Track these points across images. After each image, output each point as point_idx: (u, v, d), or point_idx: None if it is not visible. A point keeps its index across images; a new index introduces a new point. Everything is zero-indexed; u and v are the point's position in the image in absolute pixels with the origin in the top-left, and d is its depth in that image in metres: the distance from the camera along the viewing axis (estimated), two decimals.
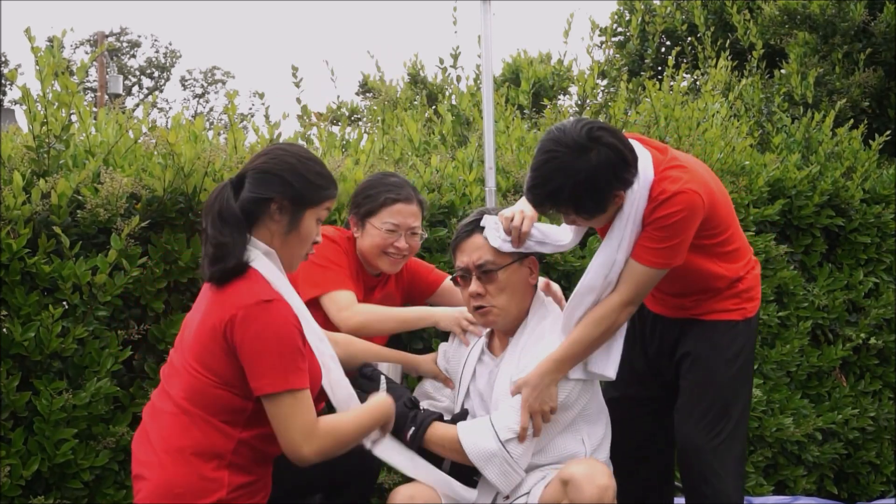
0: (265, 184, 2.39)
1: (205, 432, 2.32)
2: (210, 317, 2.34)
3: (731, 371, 2.88)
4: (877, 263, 4.92)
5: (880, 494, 4.78)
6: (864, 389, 4.80)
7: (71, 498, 3.12)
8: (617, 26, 7.64)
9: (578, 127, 2.61)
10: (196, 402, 2.33)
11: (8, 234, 3.06)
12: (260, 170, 2.41)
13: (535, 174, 2.65)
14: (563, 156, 2.59)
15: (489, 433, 2.61)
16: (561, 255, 3.99)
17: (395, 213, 3.03)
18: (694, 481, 2.87)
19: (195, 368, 2.34)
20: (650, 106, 5.06)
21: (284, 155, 2.44)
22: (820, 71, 6.34)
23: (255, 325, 2.27)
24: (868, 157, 5.16)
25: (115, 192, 3.19)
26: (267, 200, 2.39)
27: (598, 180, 2.60)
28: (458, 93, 5.78)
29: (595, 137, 2.59)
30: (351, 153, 4.22)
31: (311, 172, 2.44)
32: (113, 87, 24.57)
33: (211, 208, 2.40)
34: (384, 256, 3.05)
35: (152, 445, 2.36)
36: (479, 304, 2.77)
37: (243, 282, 2.34)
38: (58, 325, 3.06)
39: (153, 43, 39.65)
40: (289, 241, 2.43)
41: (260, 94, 5.17)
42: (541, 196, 2.66)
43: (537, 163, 2.64)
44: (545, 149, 2.63)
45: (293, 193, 2.40)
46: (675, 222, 2.67)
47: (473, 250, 2.77)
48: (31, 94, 3.34)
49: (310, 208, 2.43)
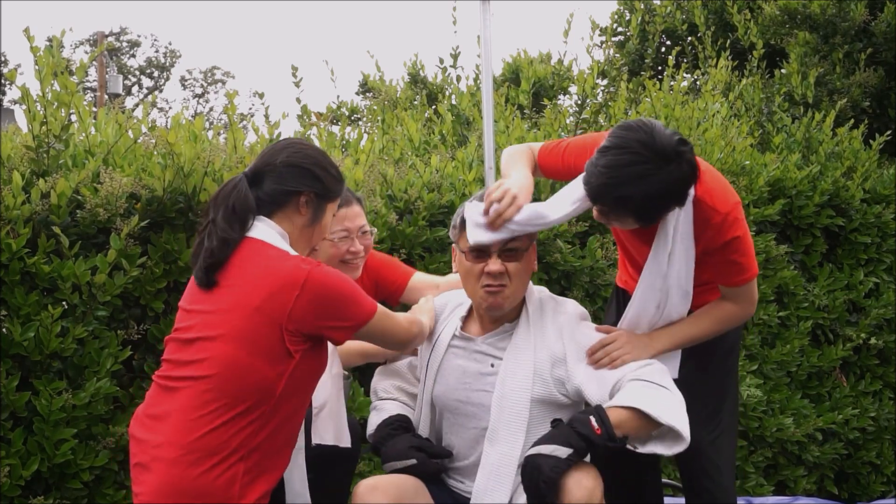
0: (295, 177, 2.45)
1: (227, 426, 2.26)
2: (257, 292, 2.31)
3: (726, 364, 2.92)
4: (877, 263, 4.92)
5: (881, 495, 4.78)
6: (865, 389, 4.80)
7: (71, 498, 3.12)
8: (617, 26, 7.64)
9: (669, 134, 2.47)
10: (225, 387, 2.27)
11: (8, 234, 3.06)
12: (289, 163, 2.45)
13: (610, 171, 2.45)
14: (649, 163, 2.43)
15: (650, 386, 2.52)
16: (561, 254, 3.99)
17: (340, 219, 2.92)
18: (694, 476, 2.89)
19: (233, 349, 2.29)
20: (650, 106, 5.06)
21: (309, 150, 2.51)
22: (820, 71, 6.34)
23: (331, 280, 2.36)
24: (868, 157, 5.16)
25: (115, 192, 3.18)
26: (296, 193, 2.44)
27: (670, 195, 2.49)
28: (458, 93, 5.77)
29: (681, 152, 2.46)
30: (351, 153, 4.22)
31: (333, 167, 2.52)
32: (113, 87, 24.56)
33: (224, 201, 2.40)
34: (343, 266, 2.95)
35: (164, 433, 2.29)
36: (498, 284, 2.62)
37: (275, 254, 2.37)
38: (57, 325, 3.06)
39: (153, 43, 39.76)
40: (308, 233, 2.50)
41: (260, 94, 5.18)
42: (608, 197, 2.50)
43: (618, 161, 2.45)
44: (632, 149, 2.44)
45: (320, 188, 2.47)
46: (741, 238, 2.68)
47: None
48: (31, 93, 3.33)
49: (330, 202, 2.52)
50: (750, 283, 2.75)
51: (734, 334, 2.94)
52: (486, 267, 2.63)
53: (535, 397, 2.60)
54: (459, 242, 2.69)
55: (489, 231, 2.61)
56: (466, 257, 2.66)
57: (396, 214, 3.77)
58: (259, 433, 2.30)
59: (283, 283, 2.32)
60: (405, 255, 3.73)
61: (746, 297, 2.77)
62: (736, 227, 2.65)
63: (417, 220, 3.78)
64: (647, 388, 2.51)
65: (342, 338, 2.47)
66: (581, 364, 2.62)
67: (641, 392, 2.49)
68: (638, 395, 2.48)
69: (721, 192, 2.66)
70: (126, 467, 3.19)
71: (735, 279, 2.73)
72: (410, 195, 3.84)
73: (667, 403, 2.48)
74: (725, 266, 2.71)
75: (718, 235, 2.64)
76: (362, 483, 2.58)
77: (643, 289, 2.72)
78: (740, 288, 2.74)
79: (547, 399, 2.61)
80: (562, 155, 2.83)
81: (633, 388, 2.51)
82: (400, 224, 3.74)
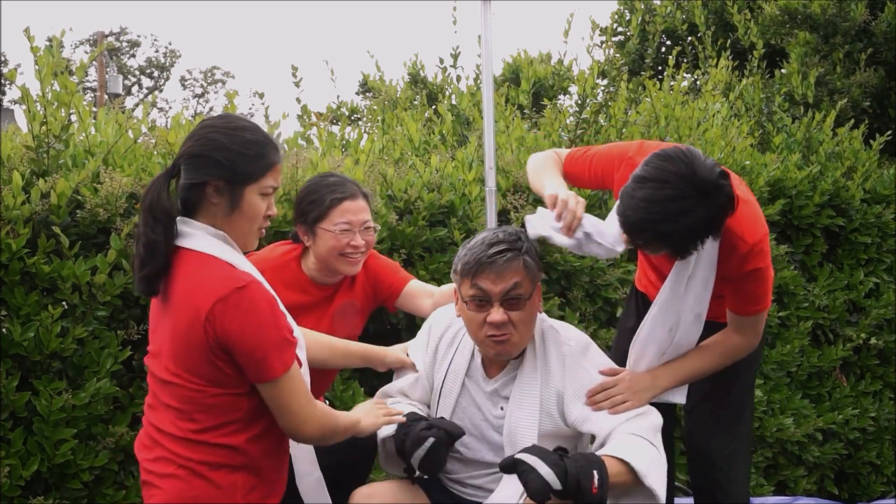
0: (196, 168, 2.26)
1: (209, 445, 2.25)
2: (183, 315, 2.23)
3: (743, 377, 2.90)
4: (877, 263, 4.92)
5: (881, 495, 4.78)
6: (865, 390, 4.80)
7: (70, 498, 3.11)
8: (617, 26, 7.64)
9: (709, 166, 2.36)
10: (193, 413, 2.25)
11: (8, 234, 3.06)
12: (189, 154, 2.28)
13: (650, 206, 2.34)
14: (690, 198, 2.32)
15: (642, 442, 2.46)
16: (561, 254, 3.99)
17: (344, 211, 2.92)
18: (708, 487, 2.88)
19: (181, 376, 2.24)
20: (650, 106, 5.06)
21: (211, 132, 2.28)
22: (820, 71, 6.34)
23: (239, 317, 2.16)
24: (868, 157, 5.16)
25: (115, 192, 3.18)
26: (201, 185, 2.25)
27: (707, 228, 2.39)
28: (458, 93, 5.78)
29: (720, 185, 2.36)
30: (351, 153, 4.22)
31: (241, 144, 2.27)
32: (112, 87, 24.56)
33: (142, 204, 2.29)
34: (342, 258, 2.94)
35: (162, 454, 2.29)
36: (502, 334, 2.54)
37: (204, 270, 2.23)
38: (57, 325, 3.06)
39: (153, 43, 39.79)
40: (233, 221, 2.29)
41: (260, 94, 5.16)
42: (648, 232, 2.38)
43: (658, 196, 2.33)
44: (672, 183, 2.33)
45: (225, 173, 2.24)
46: (764, 270, 2.61)
47: (511, 276, 2.51)
48: (31, 93, 3.33)
49: (249, 184, 2.27)
50: (761, 314, 2.69)
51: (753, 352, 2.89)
52: (488, 316, 2.53)
53: (542, 432, 2.58)
54: (461, 289, 2.58)
55: (566, 236, 2.56)
56: (469, 306, 2.57)
57: (396, 214, 3.77)
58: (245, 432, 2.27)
59: (201, 302, 2.19)
60: (405, 255, 3.73)
61: (754, 328, 2.71)
62: (760, 258, 2.59)
63: (417, 220, 3.78)
64: (639, 444, 2.46)
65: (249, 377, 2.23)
66: (578, 403, 2.58)
67: (635, 447, 2.44)
68: (632, 450, 2.42)
69: (751, 222, 2.58)
70: (126, 467, 3.20)
71: (748, 309, 2.67)
72: (410, 195, 3.84)
73: (654, 465, 2.43)
74: (741, 294, 2.65)
75: (742, 264, 2.58)
76: (358, 491, 2.58)
77: (656, 311, 2.66)
78: (749, 318, 2.68)
79: (554, 433, 2.60)
80: (589, 164, 2.79)
81: (627, 442, 2.46)
82: (400, 224, 3.74)
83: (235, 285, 2.17)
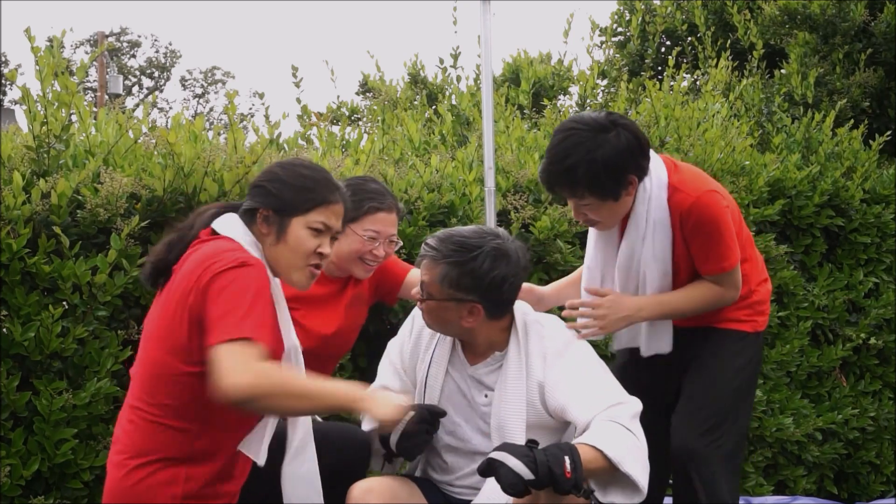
0: (252, 196, 2.41)
1: (156, 431, 2.26)
2: (182, 282, 2.26)
3: (735, 382, 2.90)
4: (877, 263, 4.92)
5: (880, 494, 4.78)
6: (864, 389, 4.80)
7: (71, 498, 3.12)
8: (617, 26, 7.63)
9: (596, 113, 2.69)
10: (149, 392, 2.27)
11: (8, 234, 3.06)
12: (252, 184, 2.46)
13: (551, 152, 2.67)
14: (583, 132, 2.63)
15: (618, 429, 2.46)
16: (561, 255, 3.99)
17: (377, 221, 2.98)
18: (687, 487, 2.87)
19: (153, 348, 2.28)
20: (650, 106, 5.06)
21: (274, 166, 2.47)
22: (820, 71, 6.34)
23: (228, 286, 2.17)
24: (868, 158, 5.16)
25: (115, 192, 3.19)
26: (253, 212, 2.39)
27: (616, 159, 2.64)
28: (458, 93, 5.78)
29: (614, 121, 2.66)
30: (351, 153, 4.22)
31: (293, 177, 2.38)
32: (113, 87, 24.59)
33: (204, 211, 2.46)
34: (360, 262, 3.00)
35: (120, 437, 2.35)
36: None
37: (218, 244, 2.30)
38: (58, 325, 3.06)
39: (153, 43, 39.69)
40: (278, 251, 2.36)
41: (260, 94, 5.20)
42: (556, 173, 2.68)
43: (555, 142, 2.67)
44: (564, 128, 2.68)
45: (273, 202, 2.36)
46: (717, 223, 2.75)
47: (425, 273, 2.63)
48: (31, 94, 3.33)
49: (296, 216, 2.35)
50: (731, 272, 2.82)
51: (746, 353, 2.94)
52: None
53: (528, 424, 2.60)
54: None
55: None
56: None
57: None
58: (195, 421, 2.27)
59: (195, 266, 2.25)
60: (405, 255, 3.73)
61: (730, 282, 2.84)
62: (710, 211, 2.74)
63: (417, 220, 3.78)
64: (616, 431, 2.45)
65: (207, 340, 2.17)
66: (556, 393, 2.60)
67: (610, 434, 2.43)
68: (606, 437, 2.42)
69: (692, 180, 2.79)
70: None
71: (713, 267, 2.80)
72: (410, 195, 3.84)
73: (631, 451, 2.43)
74: (703, 252, 2.78)
75: (689, 218, 2.74)
76: (356, 486, 2.59)
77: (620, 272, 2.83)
78: (719, 276, 2.82)
79: (539, 424, 2.61)
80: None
81: (603, 429, 2.45)
82: (400, 224, 3.74)
83: (242, 260, 2.23)
